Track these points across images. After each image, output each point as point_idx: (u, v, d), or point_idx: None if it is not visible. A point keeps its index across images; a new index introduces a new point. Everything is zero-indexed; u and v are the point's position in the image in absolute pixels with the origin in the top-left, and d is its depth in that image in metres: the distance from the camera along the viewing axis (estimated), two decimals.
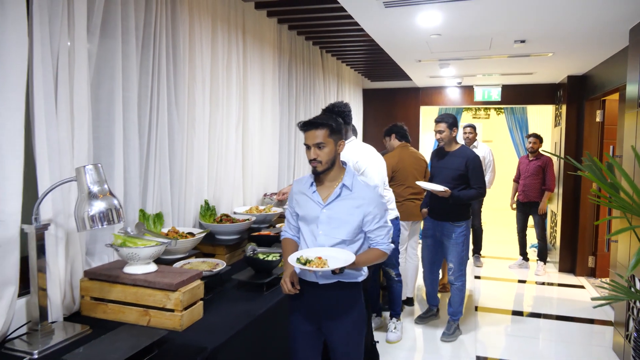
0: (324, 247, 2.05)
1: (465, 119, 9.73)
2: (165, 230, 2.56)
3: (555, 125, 6.77)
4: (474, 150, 5.30)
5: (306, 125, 2.07)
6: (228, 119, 3.31)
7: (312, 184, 2.14)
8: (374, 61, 5.79)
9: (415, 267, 4.54)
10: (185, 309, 1.92)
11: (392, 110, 7.58)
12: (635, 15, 3.27)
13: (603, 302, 2.29)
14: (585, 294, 5.13)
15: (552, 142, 7.03)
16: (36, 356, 1.66)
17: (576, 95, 5.97)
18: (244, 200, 3.64)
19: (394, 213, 3.77)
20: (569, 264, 5.98)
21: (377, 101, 7.64)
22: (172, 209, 2.76)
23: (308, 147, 2.08)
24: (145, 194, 2.55)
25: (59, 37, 1.93)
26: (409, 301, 4.59)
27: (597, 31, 3.72)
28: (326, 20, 3.97)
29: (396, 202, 4.09)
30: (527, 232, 6.13)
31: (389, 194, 3.75)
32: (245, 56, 3.53)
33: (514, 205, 6.18)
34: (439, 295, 4.38)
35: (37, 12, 1.82)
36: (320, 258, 1.93)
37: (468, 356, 3.63)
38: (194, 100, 2.88)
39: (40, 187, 1.88)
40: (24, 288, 1.87)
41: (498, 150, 9.46)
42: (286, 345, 2.21)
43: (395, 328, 3.84)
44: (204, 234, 2.63)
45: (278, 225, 3.49)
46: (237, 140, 3.45)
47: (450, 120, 3.77)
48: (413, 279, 4.58)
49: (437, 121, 3.82)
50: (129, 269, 2.00)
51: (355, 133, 4.21)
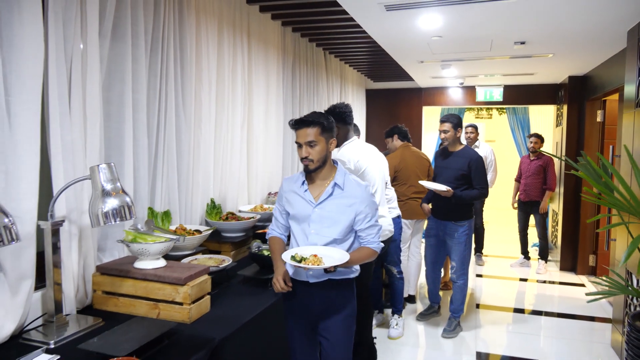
0: (316, 246, 2.05)
1: (468, 119, 9.76)
2: (173, 227, 2.64)
3: (557, 125, 6.81)
4: (476, 149, 5.36)
5: (298, 124, 2.06)
6: (233, 119, 3.39)
7: (303, 183, 2.13)
8: (377, 62, 5.83)
9: (417, 265, 4.60)
10: (194, 302, 2.00)
11: (394, 110, 7.62)
12: (633, 17, 3.32)
13: (596, 297, 2.36)
14: (586, 292, 5.18)
15: (553, 142, 7.06)
16: (52, 346, 1.74)
17: (577, 95, 6.00)
18: (249, 198, 3.72)
19: (396, 212, 3.84)
20: (570, 263, 6.03)
21: (380, 101, 7.68)
22: (180, 207, 2.84)
23: (299, 145, 2.07)
24: (153, 192, 2.63)
25: (72, 41, 2.00)
26: (411, 299, 4.65)
27: (596, 33, 3.77)
28: (329, 23, 4.03)
29: (399, 201, 4.16)
30: (529, 231, 6.17)
31: (391, 193, 3.82)
32: (250, 58, 3.60)
33: (516, 205, 6.22)
34: (440, 293, 4.44)
35: (52, 17, 1.90)
36: (316, 256, 1.93)
37: (469, 352, 3.70)
38: (200, 101, 2.96)
39: (54, 185, 1.96)
40: (39, 282, 1.95)
41: (501, 150, 9.49)
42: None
43: (397, 324, 3.90)
44: (210, 231, 2.71)
45: None
46: (242, 141, 3.53)
47: (455, 121, 3.82)
48: (415, 277, 4.64)
49: (442, 121, 3.86)
50: (139, 264, 2.08)
51: (357, 133, 4.29)
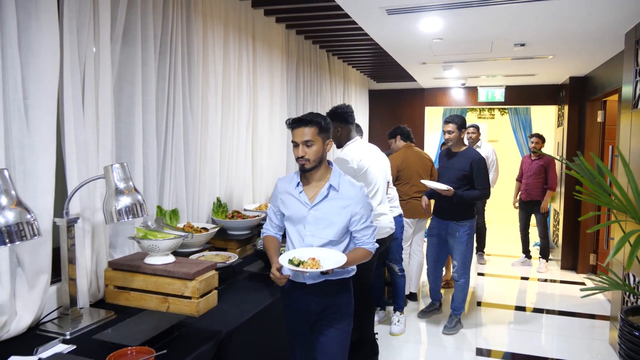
0: (312, 248, 2.04)
1: (470, 119, 9.80)
2: (180, 225, 2.73)
3: (558, 126, 6.86)
4: (477, 149, 5.42)
5: (295, 123, 2.05)
6: (239, 120, 3.48)
7: (298, 184, 2.12)
8: (380, 63, 5.90)
9: (419, 264, 4.68)
10: (202, 296, 2.08)
11: (397, 110, 7.68)
12: (630, 20, 3.39)
13: (590, 292, 2.43)
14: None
15: (555, 142, 7.11)
16: (68, 337, 1.83)
17: (578, 96, 6.06)
18: (254, 197, 3.80)
19: (397, 210, 3.93)
20: (570, 262, 6.08)
21: (383, 102, 7.74)
22: (187, 206, 2.93)
23: (296, 144, 2.05)
24: (162, 191, 2.71)
25: (85, 45, 2.09)
26: (413, 296, 4.73)
27: (595, 35, 3.84)
28: (332, 26, 4.11)
29: (401, 200, 4.24)
30: (530, 231, 6.23)
31: (393, 192, 3.90)
32: (255, 60, 3.68)
33: (517, 204, 6.28)
34: (442, 291, 4.51)
35: (67, 23, 1.99)
36: (314, 259, 1.93)
37: (469, 348, 3.77)
38: (207, 103, 3.04)
39: (68, 184, 2.05)
40: (54, 277, 2.04)
41: (503, 150, 9.54)
42: None
43: (398, 321, 3.98)
44: (217, 229, 2.79)
45: None
46: (247, 141, 3.61)
47: (459, 122, 3.89)
48: (417, 275, 4.72)
49: (447, 121, 3.93)
50: (150, 260, 2.16)
51: (360, 133, 4.36)
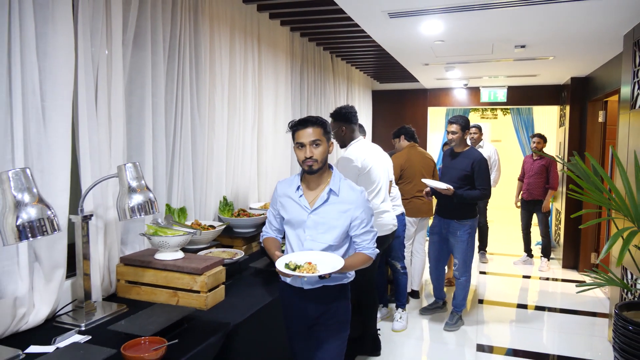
0: (310, 252, 2.02)
1: (473, 119, 9.84)
2: (188, 222, 2.82)
3: (560, 126, 6.91)
4: (480, 149, 5.48)
5: (302, 123, 2.02)
6: (244, 121, 3.56)
7: (298, 188, 2.10)
8: (383, 64, 5.97)
9: (421, 262, 4.75)
10: (210, 290, 2.17)
11: (400, 111, 7.73)
12: (629, 22, 3.45)
13: (585, 287, 2.50)
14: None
15: (557, 142, 7.15)
16: (83, 328, 1.92)
17: (579, 96, 6.11)
18: (259, 196, 3.89)
19: (400, 209, 4.00)
20: (572, 261, 6.14)
21: (386, 102, 7.79)
22: (194, 204, 3.01)
23: (301, 145, 2.02)
24: (170, 190, 2.81)
25: (98, 50, 2.18)
26: (415, 294, 4.81)
27: (594, 36, 3.90)
28: (336, 28, 4.19)
29: (404, 199, 4.32)
30: (532, 230, 6.29)
31: (395, 191, 3.98)
32: (260, 62, 3.77)
33: (519, 204, 6.34)
34: (445, 289, 4.58)
35: (81, 28, 2.08)
36: (310, 263, 1.90)
37: (470, 344, 3.84)
38: (214, 105, 3.13)
39: (82, 182, 2.14)
40: (68, 271, 2.13)
41: (506, 150, 9.59)
42: None
43: (400, 318, 4.06)
44: (223, 227, 2.88)
45: None
46: (252, 141, 3.70)
47: (463, 123, 3.96)
48: (419, 273, 4.79)
49: (451, 122, 4.00)
50: (160, 256, 2.25)
51: (363, 133, 4.44)
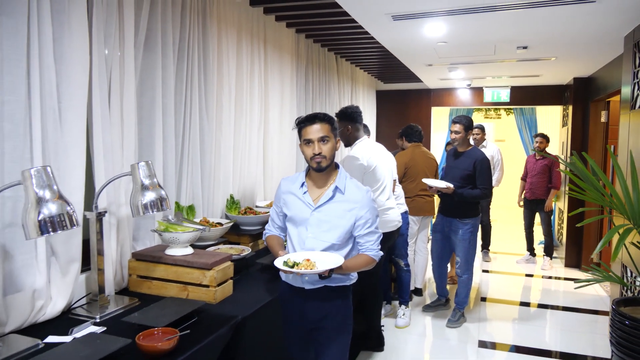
0: (312, 251, 1.99)
1: (477, 119, 9.90)
2: (196, 220, 2.89)
3: (563, 126, 6.95)
4: (483, 149, 5.54)
5: (310, 119, 2.00)
6: (251, 121, 3.64)
7: (302, 184, 2.07)
8: (386, 65, 6.03)
9: (424, 260, 4.82)
10: (219, 285, 2.25)
11: (404, 110, 7.79)
12: (629, 23, 3.51)
13: (583, 284, 2.56)
14: (589, 288, 5.28)
15: (559, 141, 7.20)
16: (98, 320, 2.00)
17: (582, 96, 6.15)
18: (265, 195, 3.97)
19: (403, 207, 4.07)
20: (574, 259, 6.18)
21: (390, 102, 7.86)
22: (202, 202, 3.09)
23: (309, 142, 1.99)
24: (179, 188, 2.89)
25: (112, 53, 2.26)
26: (418, 291, 4.87)
27: (595, 38, 3.95)
28: (340, 30, 4.26)
29: (407, 197, 4.39)
30: (535, 229, 6.34)
31: (399, 190, 4.05)
32: (266, 63, 3.85)
33: (521, 203, 6.39)
34: (448, 287, 4.64)
35: (95, 32, 2.15)
36: (308, 260, 1.89)
37: (472, 341, 3.90)
38: (221, 105, 3.21)
39: (96, 180, 2.22)
40: (82, 266, 2.21)
41: (510, 150, 9.63)
42: None
43: (403, 314, 4.13)
44: (231, 224, 2.96)
45: None
46: (258, 141, 3.78)
47: (466, 123, 4.02)
48: (422, 271, 4.86)
49: (455, 122, 4.05)
50: (170, 251, 2.33)
51: (367, 132, 4.51)
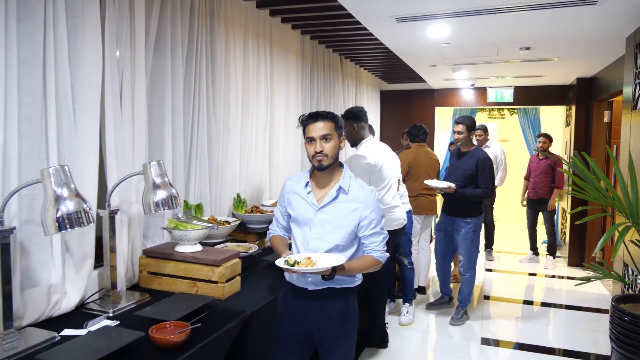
0: (315, 252, 1.96)
1: (480, 119, 9.92)
2: (204, 218, 2.95)
3: (566, 125, 6.98)
4: (486, 149, 5.58)
5: (312, 117, 1.97)
6: (257, 122, 3.71)
7: (307, 184, 2.04)
8: (390, 65, 6.08)
9: (427, 259, 4.87)
10: (227, 281, 2.31)
11: (408, 111, 7.83)
12: (631, 25, 3.55)
13: (584, 281, 2.61)
14: (592, 286, 5.34)
15: (563, 141, 7.22)
16: (111, 314, 2.06)
17: (585, 96, 6.18)
18: (270, 194, 4.03)
19: (407, 206, 4.13)
20: (577, 259, 6.20)
21: (394, 102, 7.89)
22: (210, 201, 3.16)
23: (311, 140, 1.96)
24: (188, 187, 2.95)
25: (123, 56, 2.33)
26: (421, 290, 4.92)
27: (597, 38, 3.99)
28: (345, 31, 4.33)
29: (410, 196, 4.45)
30: (538, 228, 6.37)
31: (403, 189, 4.11)
32: (272, 64, 3.91)
33: (525, 202, 6.43)
34: (451, 285, 4.69)
35: (108, 36, 2.22)
36: (309, 259, 1.86)
37: (475, 338, 3.95)
38: (228, 106, 3.28)
39: (108, 179, 2.29)
40: (95, 262, 2.27)
41: (514, 149, 9.65)
42: None
43: (407, 312, 4.18)
44: (238, 222, 3.02)
45: None
46: (264, 141, 3.85)
47: (469, 124, 4.06)
48: (425, 269, 4.91)
49: (458, 122, 4.10)
50: (180, 248, 2.39)
51: (372, 132, 4.57)
